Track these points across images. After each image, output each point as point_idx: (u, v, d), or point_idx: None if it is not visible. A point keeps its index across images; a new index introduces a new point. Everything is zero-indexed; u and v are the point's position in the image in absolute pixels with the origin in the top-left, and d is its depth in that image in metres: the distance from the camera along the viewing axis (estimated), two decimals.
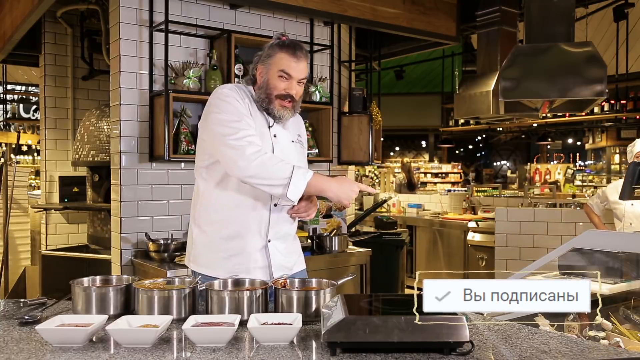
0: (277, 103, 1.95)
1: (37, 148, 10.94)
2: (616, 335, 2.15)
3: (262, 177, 1.79)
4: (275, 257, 2.02)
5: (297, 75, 1.94)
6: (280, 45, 1.94)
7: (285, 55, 1.93)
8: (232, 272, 1.91)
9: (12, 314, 1.72)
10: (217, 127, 1.89)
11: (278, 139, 2.01)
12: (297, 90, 1.97)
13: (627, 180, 3.25)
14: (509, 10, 5.42)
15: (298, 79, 1.95)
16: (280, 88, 1.94)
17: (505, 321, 1.76)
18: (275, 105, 1.96)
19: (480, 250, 6.24)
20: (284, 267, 2.04)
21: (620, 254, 2.47)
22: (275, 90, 1.94)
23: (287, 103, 1.96)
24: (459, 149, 18.33)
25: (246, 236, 1.97)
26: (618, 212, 4.31)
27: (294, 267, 2.10)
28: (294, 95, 1.96)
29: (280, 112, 1.96)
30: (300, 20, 4.14)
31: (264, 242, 1.99)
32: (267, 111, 1.98)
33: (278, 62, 1.93)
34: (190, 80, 3.46)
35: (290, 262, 2.09)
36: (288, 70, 1.93)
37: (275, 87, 1.94)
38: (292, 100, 1.97)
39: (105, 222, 4.35)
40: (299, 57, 1.93)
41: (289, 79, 1.94)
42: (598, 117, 8.81)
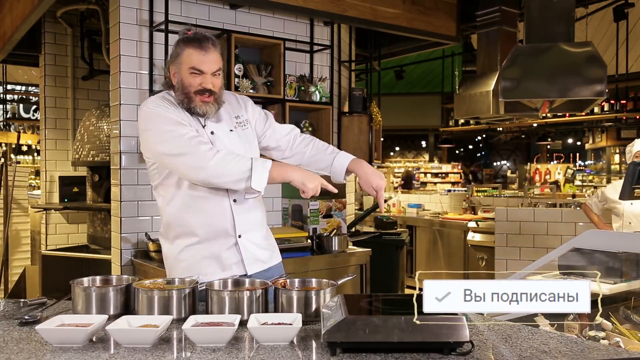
0: (197, 100, 1.91)
1: (37, 148, 10.94)
2: (616, 335, 2.15)
3: (224, 174, 1.79)
4: (248, 251, 2.02)
5: (209, 68, 1.90)
6: (186, 41, 1.91)
7: (192, 50, 1.89)
8: (208, 274, 1.93)
9: (12, 314, 1.71)
10: (157, 145, 1.89)
11: (216, 135, 1.96)
12: (214, 82, 1.92)
13: (627, 180, 3.25)
14: (509, 10, 5.42)
15: (211, 73, 1.91)
16: (195, 84, 1.90)
17: (505, 321, 1.76)
18: (197, 103, 1.92)
19: (480, 250, 6.24)
20: (258, 261, 2.04)
21: (620, 254, 2.47)
22: (191, 88, 1.91)
23: (207, 97, 1.91)
24: (459, 149, 18.33)
25: (212, 239, 1.98)
26: (617, 211, 4.31)
27: (270, 261, 2.09)
28: (211, 88, 1.91)
29: (202, 109, 1.92)
30: (300, 20, 4.14)
31: (233, 239, 1.99)
32: (191, 111, 1.94)
33: (187, 59, 1.90)
34: None
35: (265, 255, 2.07)
36: (198, 66, 1.89)
37: (190, 84, 1.91)
38: (212, 93, 1.92)
39: (105, 222, 4.35)
40: (207, 49, 1.89)
41: (201, 74, 1.90)
42: (598, 117, 8.82)
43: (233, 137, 2.01)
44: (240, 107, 2.11)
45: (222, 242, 1.99)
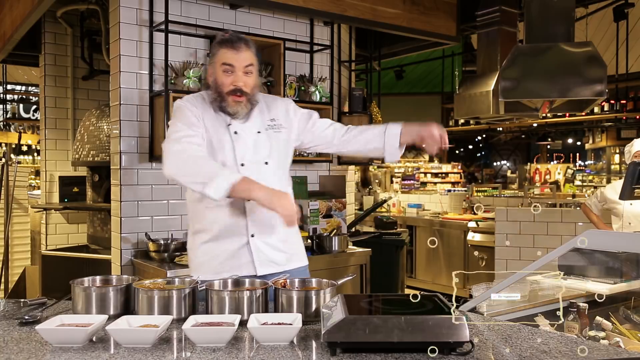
0: (229, 99, 1.97)
1: (37, 148, 10.94)
2: (616, 335, 2.15)
3: (186, 173, 1.83)
4: (260, 252, 2.01)
5: (239, 64, 1.94)
6: (220, 42, 1.98)
7: (225, 49, 1.95)
8: (218, 272, 1.96)
9: (12, 314, 1.72)
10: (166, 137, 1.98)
11: (240, 135, 2.00)
12: (245, 81, 1.96)
13: (627, 180, 3.25)
14: (509, 10, 5.42)
15: (242, 68, 1.95)
16: (227, 83, 1.96)
17: (505, 321, 1.76)
18: (229, 102, 1.97)
19: (480, 250, 6.24)
20: (272, 262, 2.03)
21: (620, 254, 2.47)
22: (224, 87, 1.96)
23: (238, 97, 1.96)
24: (459, 149, 18.33)
25: (225, 237, 2.00)
26: (616, 212, 4.31)
27: (288, 264, 2.07)
28: (242, 87, 1.95)
29: (233, 108, 1.97)
30: (300, 20, 4.14)
31: (245, 238, 2.00)
32: (223, 109, 1.99)
33: (220, 57, 1.96)
34: (190, 80, 3.46)
35: (281, 258, 2.05)
36: (229, 61, 1.94)
37: (223, 83, 1.96)
38: (243, 93, 1.96)
39: (105, 222, 4.35)
40: (239, 48, 1.94)
41: (233, 70, 1.95)
42: (598, 117, 8.82)
43: (260, 138, 2.03)
44: (275, 110, 2.12)
45: (234, 240, 2.00)
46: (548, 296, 2.48)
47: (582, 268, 2.57)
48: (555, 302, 2.43)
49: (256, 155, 2.01)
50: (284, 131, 2.10)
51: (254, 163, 2.00)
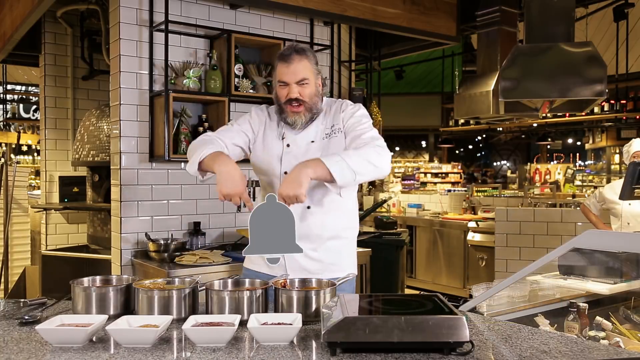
0: (288, 110, 2.02)
1: (37, 148, 10.94)
2: (616, 335, 2.15)
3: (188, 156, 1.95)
4: (292, 258, 2.00)
5: (291, 79, 1.98)
6: (278, 57, 2.02)
7: (279, 64, 2.00)
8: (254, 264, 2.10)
9: (12, 314, 1.72)
10: None
11: (291, 147, 2.04)
12: (300, 91, 1.98)
13: (627, 180, 3.25)
14: (509, 10, 5.42)
15: (295, 82, 1.98)
16: (283, 96, 2.00)
17: (505, 321, 1.76)
18: (287, 113, 2.02)
19: (480, 250, 6.24)
20: (304, 270, 2.00)
21: (620, 254, 2.47)
22: (281, 99, 2.01)
23: (296, 107, 1.99)
24: (459, 149, 18.33)
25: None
26: (615, 212, 4.31)
27: (323, 274, 1.98)
28: (297, 97, 1.98)
29: (292, 118, 2.01)
30: (300, 20, 4.14)
31: None
32: (284, 120, 2.05)
33: (277, 74, 2.02)
34: (190, 80, 3.46)
35: (315, 267, 2.02)
36: (282, 79, 2.00)
37: (280, 96, 2.02)
38: (300, 102, 1.99)
39: (105, 222, 4.35)
40: (290, 61, 1.97)
41: (286, 85, 1.99)
42: (598, 117, 8.82)
43: (312, 147, 2.03)
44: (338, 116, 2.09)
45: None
46: (548, 296, 2.48)
47: (582, 268, 2.57)
48: (555, 302, 2.43)
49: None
50: (340, 134, 2.05)
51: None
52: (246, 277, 1.88)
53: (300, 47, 2.02)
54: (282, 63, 1.99)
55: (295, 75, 1.97)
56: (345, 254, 2.09)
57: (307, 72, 1.99)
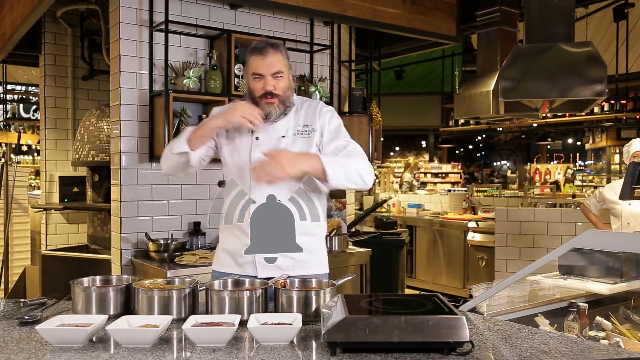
0: (262, 103, 2.00)
1: (37, 148, 10.94)
2: (616, 335, 2.15)
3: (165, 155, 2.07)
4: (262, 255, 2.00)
5: (267, 71, 1.98)
6: (250, 50, 2.03)
7: (253, 56, 2.00)
8: (224, 265, 2.05)
9: (12, 314, 1.72)
10: None
11: (261, 140, 2.02)
12: (275, 84, 1.99)
13: (627, 180, 3.25)
14: (509, 10, 5.42)
15: (270, 74, 1.98)
16: (258, 89, 2.00)
17: (505, 321, 1.76)
18: (262, 106, 2.00)
19: (480, 250, 6.24)
20: (274, 266, 2.00)
21: (620, 254, 2.47)
22: (255, 92, 2.01)
23: (270, 99, 1.99)
24: (459, 149, 18.33)
25: (233, 234, 2.04)
26: (615, 212, 4.30)
27: (293, 270, 2.00)
28: (272, 90, 1.98)
29: (266, 110, 2.00)
30: (300, 20, 4.14)
31: (248, 239, 1.99)
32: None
33: (250, 66, 2.02)
34: (190, 80, 3.46)
35: (285, 263, 2.02)
36: (257, 70, 1.99)
37: (254, 89, 2.01)
38: (274, 95, 1.99)
39: (105, 222, 4.35)
40: (265, 54, 1.98)
41: (261, 77, 1.99)
42: (598, 117, 8.82)
43: (282, 142, 2.03)
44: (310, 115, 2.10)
45: (240, 239, 2.02)
46: (548, 296, 2.48)
47: (582, 268, 2.57)
48: (555, 302, 2.43)
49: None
50: (312, 134, 2.08)
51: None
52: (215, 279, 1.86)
53: (274, 42, 2.03)
54: (257, 56, 1.99)
55: (271, 67, 1.98)
56: (316, 251, 2.10)
57: (281, 65, 2.00)
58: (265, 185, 1.95)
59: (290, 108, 2.06)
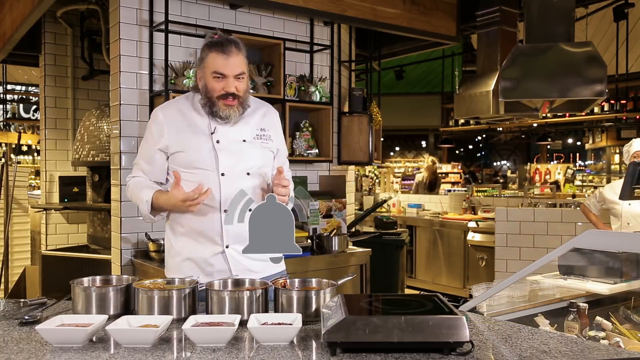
0: (220, 104, 1.92)
1: (37, 148, 10.94)
2: (616, 335, 2.15)
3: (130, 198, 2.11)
4: (236, 262, 1.97)
5: (230, 72, 1.89)
6: (210, 46, 1.92)
7: (215, 54, 1.90)
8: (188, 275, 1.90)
9: (12, 314, 1.71)
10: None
11: (222, 144, 1.96)
12: (237, 85, 1.91)
13: (627, 180, 3.25)
14: (509, 10, 5.42)
15: (233, 76, 1.90)
16: (218, 89, 1.91)
17: (505, 321, 1.76)
18: (220, 106, 1.92)
19: (480, 250, 6.24)
20: (248, 270, 1.98)
21: (620, 254, 2.47)
22: (214, 92, 1.92)
23: (231, 101, 1.92)
24: (459, 149, 18.33)
25: (198, 242, 1.98)
26: (615, 212, 4.30)
27: (265, 271, 2.02)
28: (234, 92, 1.91)
29: (225, 112, 1.93)
30: (300, 20, 4.14)
31: (220, 247, 1.96)
32: (214, 114, 1.95)
33: (210, 64, 1.91)
34: (190, 80, 3.46)
35: (258, 266, 2.01)
36: (220, 70, 1.89)
37: (214, 89, 1.91)
38: (235, 97, 1.92)
39: (105, 222, 4.35)
40: (229, 53, 1.89)
41: (224, 78, 1.90)
42: (598, 117, 8.82)
43: (244, 147, 1.98)
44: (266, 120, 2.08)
45: (209, 248, 1.97)
46: (548, 296, 2.48)
47: (582, 268, 2.57)
48: (555, 302, 2.43)
49: (238, 166, 1.96)
50: (270, 143, 2.05)
51: (236, 173, 1.96)
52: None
53: (236, 40, 1.93)
54: (220, 54, 1.88)
55: (235, 68, 1.89)
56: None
57: (244, 66, 1.94)
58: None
59: (247, 109, 1.99)
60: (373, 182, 9.43)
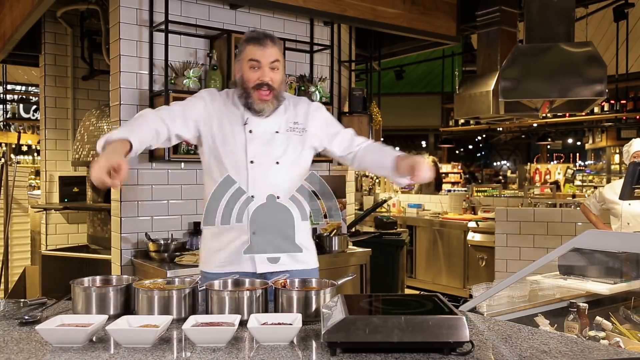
0: (255, 96, 1.97)
1: (37, 148, 10.93)
2: (616, 335, 2.15)
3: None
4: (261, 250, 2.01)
5: (265, 59, 1.95)
6: (247, 39, 2.00)
7: (252, 46, 1.97)
8: (220, 266, 2.00)
9: (12, 314, 1.72)
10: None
11: (254, 134, 2.01)
12: (272, 76, 1.97)
13: (627, 180, 3.25)
14: (509, 10, 5.42)
15: (268, 64, 1.95)
16: (253, 79, 1.96)
17: (505, 321, 1.76)
18: (254, 99, 1.97)
19: (480, 250, 6.24)
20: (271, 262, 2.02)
21: (620, 254, 2.47)
22: (249, 82, 1.97)
23: (265, 93, 1.96)
24: (459, 149, 18.32)
25: (228, 231, 2.01)
26: (615, 212, 4.30)
27: (290, 264, 2.05)
28: (268, 82, 1.96)
29: (259, 105, 1.98)
30: (300, 20, 4.14)
31: (246, 236, 1.99)
32: (248, 106, 2.00)
33: (247, 54, 1.98)
34: (190, 80, 3.46)
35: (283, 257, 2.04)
36: (255, 57, 1.95)
37: (249, 79, 1.97)
38: (270, 88, 1.96)
39: (105, 222, 4.35)
40: (265, 44, 1.96)
41: (259, 66, 1.95)
42: (598, 117, 8.82)
43: (277, 138, 2.03)
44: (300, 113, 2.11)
45: (236, 235, 2.01)
46: (548, 296, 2.48)
47: (582, 268, 2.57)
48: (555, 302, 2.43)
49: (268, 155, 2.01)
50: (304, 134, 2.09)
51: (265, 162, 2.00)
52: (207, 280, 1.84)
53: (271, 35, 2.01)
54: (256, 45, 1.96)
55: (270, 56, 1.96)
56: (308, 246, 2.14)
57: (279, 56, 2.00)
58: (265, 183, 1.97)
59: (281, 103, 2.05)
60: (373, 182, 9.43)
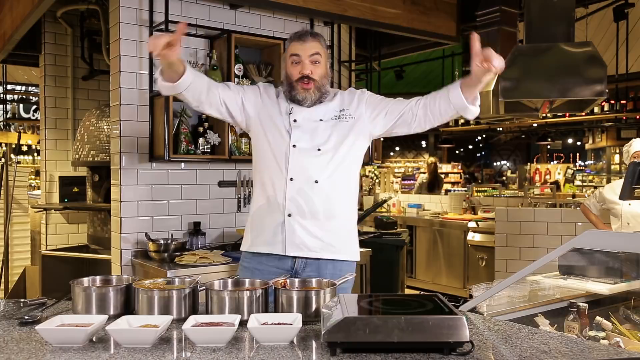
0: (298, 87, 2.08)
1: (37, 148, 10.93)
2: (616, 335, 2.15)
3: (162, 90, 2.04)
4: (293, 234, 2.04)
5: (305, 52, 2.06)
6: (290, 38, 2.14)
7: (293, 42, 2.10)
8: (254, 246, 2.11)
9: (12, 314, 1.72)
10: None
11: (299, 123, 2.09)
12: (312, 69, 2.07)
13: (627, 180, 3.25)
14: (509, 10, 5.41)
15: (308, 57, 2.06)
16: (295, 73, 2.07)
17: (505, 321, 1.76)
18: (298, 90, 2.08)
19: (480, 250, 6.24)
20: (304, 246, 2.04)
21: (620, 254, 2.48)
22: (292, 77, 2.08)
23: (307, 84, 2.06)
24: (459, 149, 18.33)
25: (265, 210, 2.09)
26: (615, 212, 4.30)
27: (321, 253, 2.06)
28: (309, 74, 2.06)
29: (302, 95, 2.08)
30: (300, 20, 4.14)
31: (282, 217, 2.04)
32: (292, 98, 2.10)
33: (289, 51, 2.11)
34: None
35: (314, 244, 2.05)
36: (295, 52, 2.08)
37: (292, 74, 2.09)
38: (311, 80, 2.06)
39: (105, 222, 4.35)
40: (305, 39, 2.08)
41: (299, 60, 2.07)
42: (598, 117, 8.82)
43: (321, 126, 2.09)
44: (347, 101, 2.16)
45: (273, 216, 2.07)
46: (548, 296, 2.48)
47: (582, 268, 2.57)
48: (555, 302, 2.43)
49: (311, 142, 2.07)
50: (351, 120, 2.13)
51: (306, 147, 2.06)
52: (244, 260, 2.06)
53: (314, 31, 2.16)
54: (297, 41, 2.09)
55: (311, 49, 2.07)
56: (344, 236, 2.12)
57: (319, 49, 2.09)
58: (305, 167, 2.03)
59: (325, 96, 2.12)
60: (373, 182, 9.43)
